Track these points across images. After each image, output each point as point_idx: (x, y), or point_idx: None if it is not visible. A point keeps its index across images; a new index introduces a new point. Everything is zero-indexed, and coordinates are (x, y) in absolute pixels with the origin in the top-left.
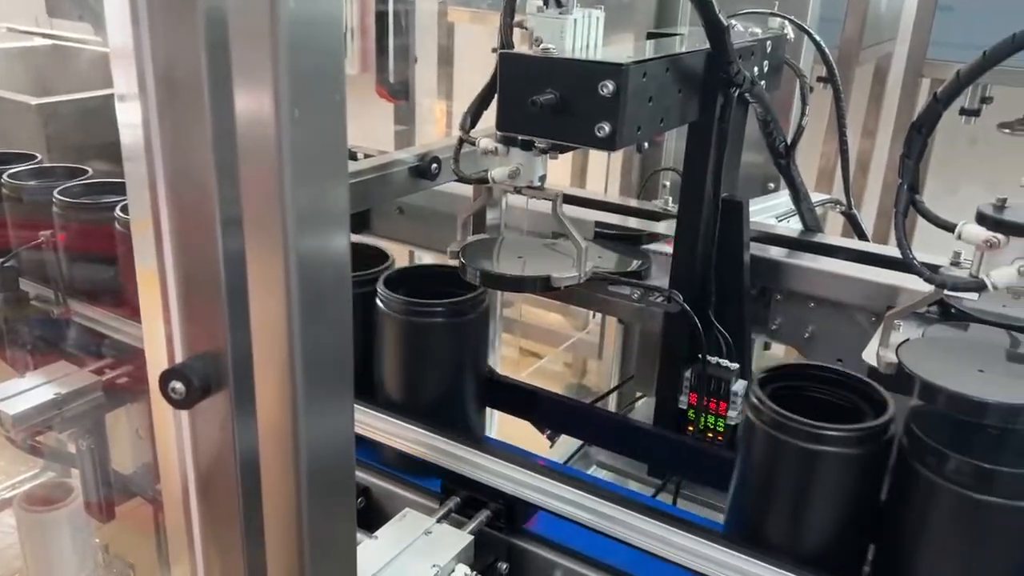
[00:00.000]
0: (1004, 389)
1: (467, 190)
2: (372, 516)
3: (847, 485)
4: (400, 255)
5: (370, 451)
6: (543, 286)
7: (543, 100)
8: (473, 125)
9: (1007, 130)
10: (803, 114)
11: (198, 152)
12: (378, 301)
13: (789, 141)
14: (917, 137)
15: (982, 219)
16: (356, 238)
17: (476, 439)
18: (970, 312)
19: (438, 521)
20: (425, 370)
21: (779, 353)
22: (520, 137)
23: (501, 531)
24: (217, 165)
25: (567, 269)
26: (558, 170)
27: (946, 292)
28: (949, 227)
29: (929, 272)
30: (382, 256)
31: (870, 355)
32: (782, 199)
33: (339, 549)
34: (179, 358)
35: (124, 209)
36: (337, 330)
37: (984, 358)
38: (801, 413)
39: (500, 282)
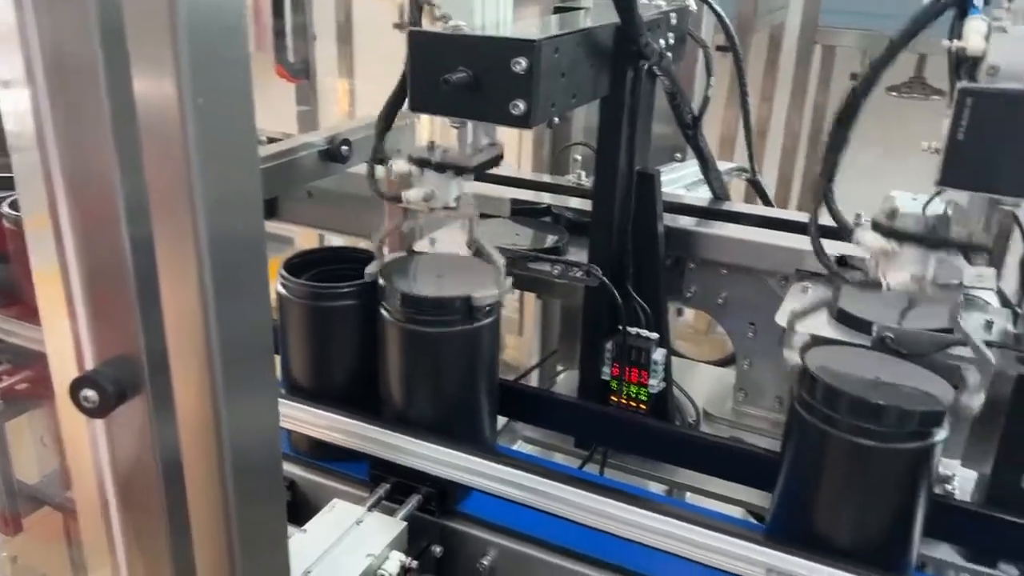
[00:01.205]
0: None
1: (379, 171)
2: (299, 509)
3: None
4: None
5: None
6: (463, 306)
7: (455, 79)
8: (388, 128)
9: (894, 93)
10: (708, 85)
11: (96, 141)
12: (280, 287)
13: (696, 112)
14: (839, 129)
15: (876, 227)
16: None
17: (403, 424)
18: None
19: (369, 509)
20: (335, 355)
21: (689, 319)
22: (433, 160)
23: (433, 515)
24: (119, 154)
25: (487, 287)
26: None
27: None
28: (848, 228)
29: (833, 268)
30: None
31: (783, 317)
32: (689, 169)
33: (270, 546)
34: (89, 364)
35: (13, 205)
36: (256, 319)
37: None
38: None
39: (421, 304)
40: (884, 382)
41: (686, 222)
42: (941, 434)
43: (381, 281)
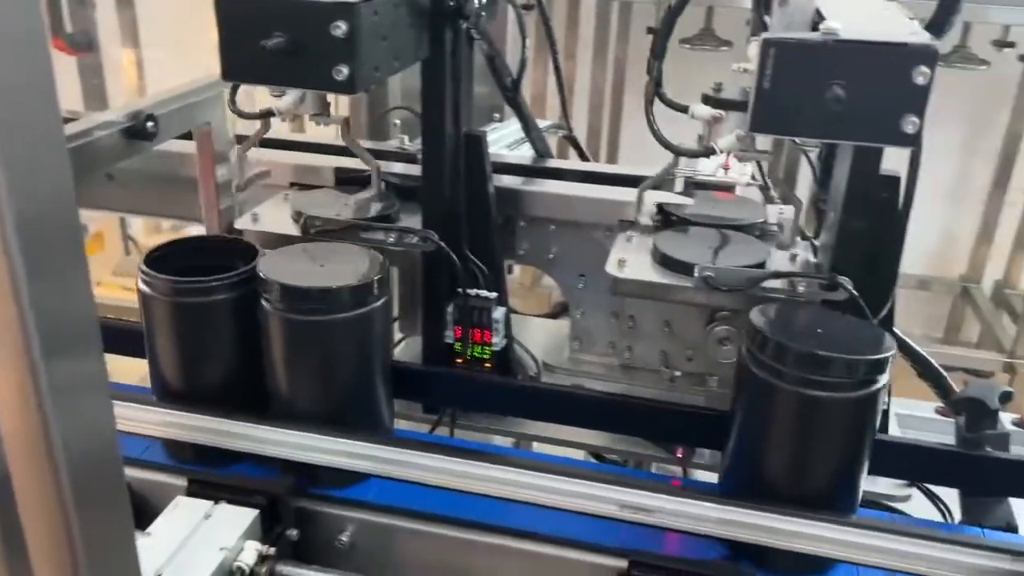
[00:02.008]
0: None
1: (189, 147)
2: (138, 513)
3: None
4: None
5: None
6: (354, 291)
7: (272, 44)
8: None
9: (688, 46)
10: (524, 46)
11: None
12: (143, 285)
13: (515, 75)
14: (659, 40)
15: (706, 100)
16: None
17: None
18: (688, 217)
19: (217, 502)
20: (212, 354)
21: (516, 274)
22: None
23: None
24: None
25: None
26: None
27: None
28: (682, 108)
29: (673, 144)
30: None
31: (612, 266)
32: (509, 128)
33: (117, 555)
34: None
35: None
36: (77, 311)
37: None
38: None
39: (309, 295)
40: (827, 335)
41: (513, 181)
42: (884, 379)
43: (263, 275)
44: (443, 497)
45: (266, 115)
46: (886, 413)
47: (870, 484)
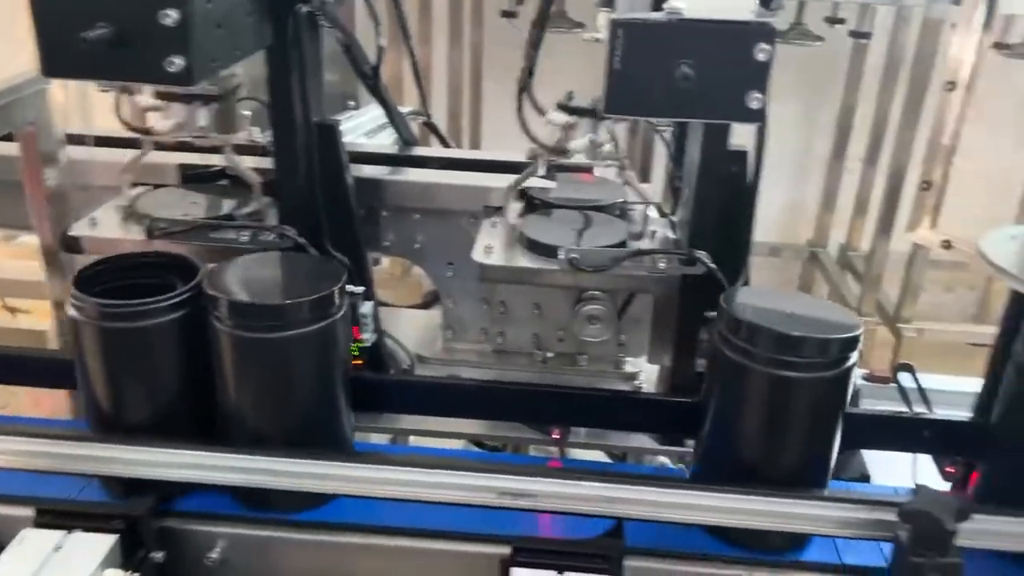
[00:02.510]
0: None
1: (12, 149)
2: None
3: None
4: None
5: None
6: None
7: (94, 36)
8: None
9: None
10: (377, 33)
11: None
12: (73, 311)
13: (373, 62)
14: (536, 32)
15: (562, 107)
16: None
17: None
18: (551, 201)
19: (70, 531)
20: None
21: (385, 265)
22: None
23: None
24: None
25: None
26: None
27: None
28: (542, 111)
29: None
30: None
31: (479, 254)
32: (366, 116)
33: None
34: None
35: None
36: None
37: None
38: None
39: (265, 312)
40: (798, 315)
41: (373, 171)
42: (855, 357)
43: (212, 292)
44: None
45: (145, 132)
46: None
47: None
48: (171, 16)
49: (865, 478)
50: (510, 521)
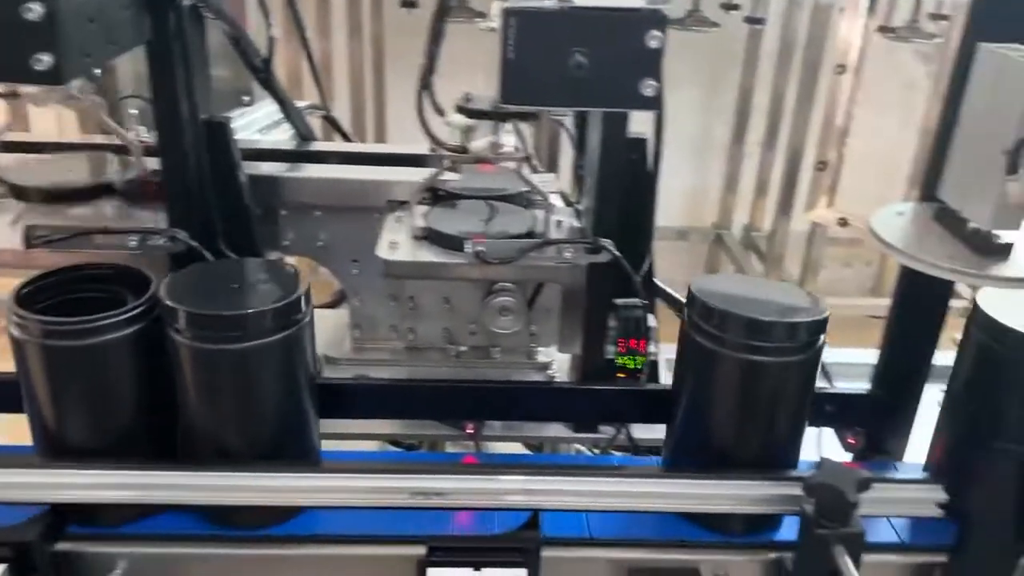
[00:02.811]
0: None
1: None
2: None
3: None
4: None
5: None
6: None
7: None
8: None
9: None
10: (268, 24)
11: None
12: (15, 330)
13: (264, 54)
14: (436, 24)
15: (461, 110)
16: None
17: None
18: (456, 191)
19: None
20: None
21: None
22: None
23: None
24: None
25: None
26: None
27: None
28: (440, 111)
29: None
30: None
31: (383, 250)
32: (261, 112)
33: None
34: None
35: None
36: None
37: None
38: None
39: (229, 322)
40: (764, 300)
41: (270, 168)
42: (823, 338)
43: (170, 303)
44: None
45: None
46: (655, 363)
47: (648, 431)
48: (35, 10)
49: None
50: (428, 521)
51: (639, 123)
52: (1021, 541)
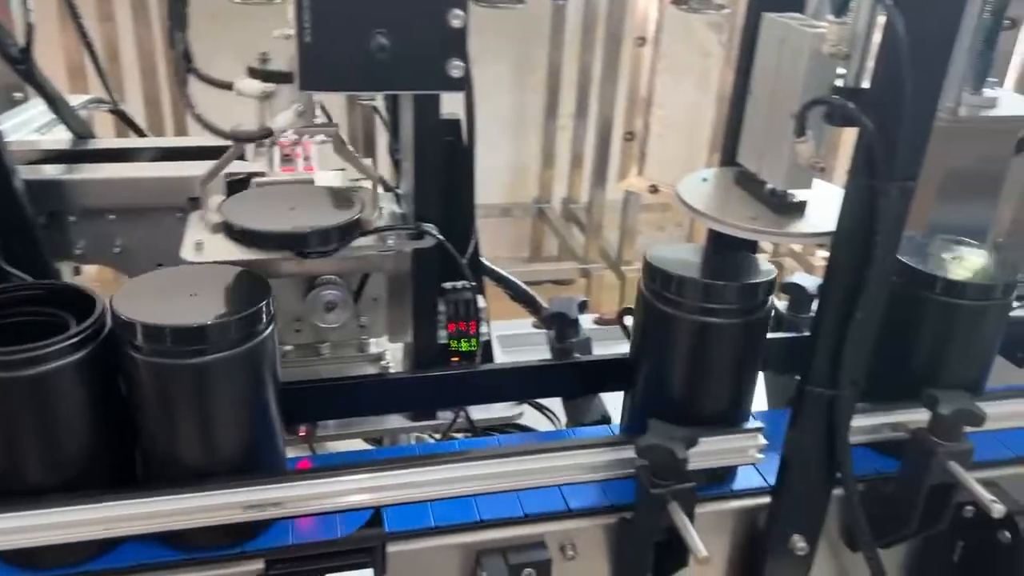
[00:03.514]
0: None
1: None
2: None
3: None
4: None
5: None
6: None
7: None
8: None
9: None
10: (27, 8)
11: None
12: None
13: (23, 43)
14: (180, 6)
15: (254, 73)
16: None
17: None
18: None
19: None
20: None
21: (92, 272)
22: None
23: None
24: None
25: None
26: None
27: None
28: (226, 85)
29: (224, 129)
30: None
31: (188, 251)
32: (38, 109)
33: None
34: None
35: None
36: None
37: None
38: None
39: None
40: (718, 267)
41: (53, 171)
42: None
43: (125, 317)
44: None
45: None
46: (488, 343)
47: (485, 411)
48: None
49: (606, 420)
50: (268, 533)
51: (452, 103)
52: (832, 477)
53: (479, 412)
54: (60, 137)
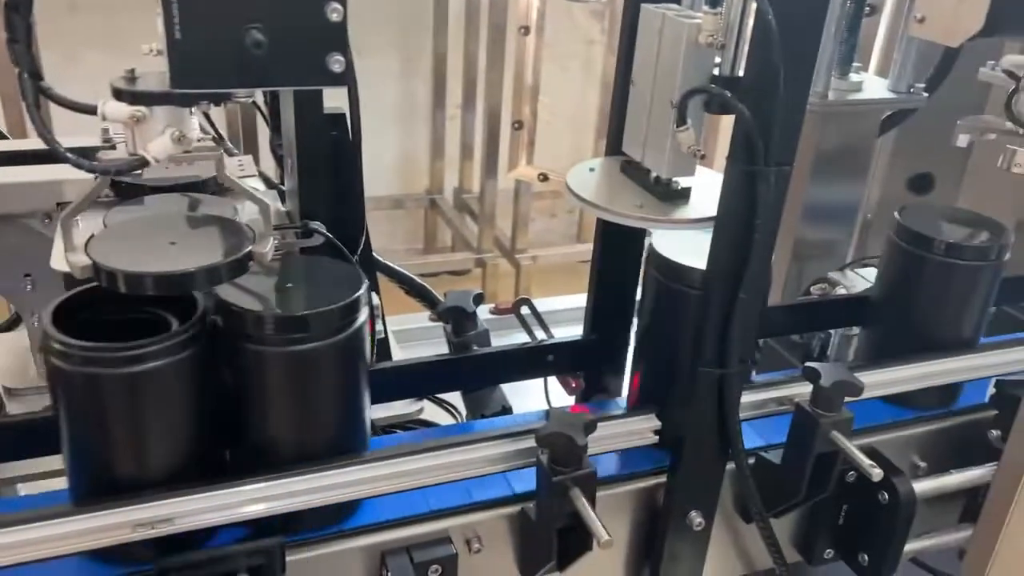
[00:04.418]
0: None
1: None
2: None
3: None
4: None
5: None
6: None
7: None
8: None
9: None
10: None
11: None
12: (58, 360)
13: None
14: (18, 18)
15: (119, 95)
16: None
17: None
18: (141, 183)
19: None
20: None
21: None
22: None
23: None
24: None
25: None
26: None
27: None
28: (89, 110)
29: (88, 162)
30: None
31: (59, 262)
32: None
33: None
34: None
35: None
36: None
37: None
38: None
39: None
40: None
41: None
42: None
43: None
44: None
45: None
46: (385, 339)
47: (385, 410)
48: None
49: (507, 410)
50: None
51: (335, 97)
52: (725, 452)
53: (379, 411)
54: None
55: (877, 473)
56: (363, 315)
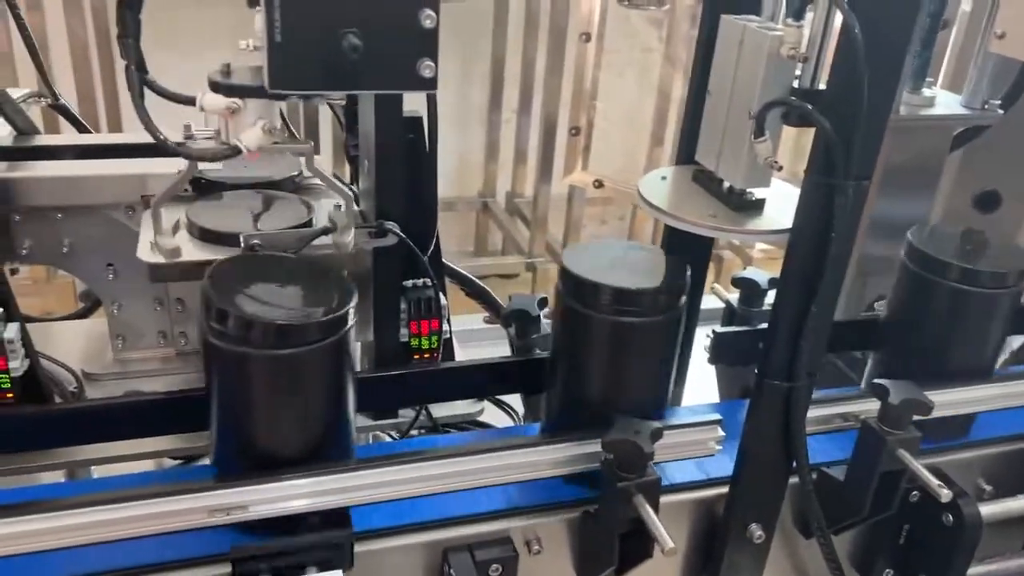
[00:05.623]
0: None
1: None
2: None
3: None
4: None
5: None
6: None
7: None
8: None
9: None
10: None
11: None
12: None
13: None
14: (130, 15)
15: (216, 87)
16: None
17: None
18: (219, 180)
19: None
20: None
21: (23, 270)
22: None
23: None
24: None
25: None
26: None
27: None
28: (187, 101)
29: (186, 148)
30: None
31: (145, 252)
32: None
33: None
34: None
35: None
36: None
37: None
38: None
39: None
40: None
41: None
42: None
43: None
44: None
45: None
46: (449, 340)
47: (449, 409)
48: None
49: None
50: (230, 535)
51: (412, 100)
52: (788, 466)
53: (440, 409)
54: (1, 133)
55: (946, 494)
56: None
